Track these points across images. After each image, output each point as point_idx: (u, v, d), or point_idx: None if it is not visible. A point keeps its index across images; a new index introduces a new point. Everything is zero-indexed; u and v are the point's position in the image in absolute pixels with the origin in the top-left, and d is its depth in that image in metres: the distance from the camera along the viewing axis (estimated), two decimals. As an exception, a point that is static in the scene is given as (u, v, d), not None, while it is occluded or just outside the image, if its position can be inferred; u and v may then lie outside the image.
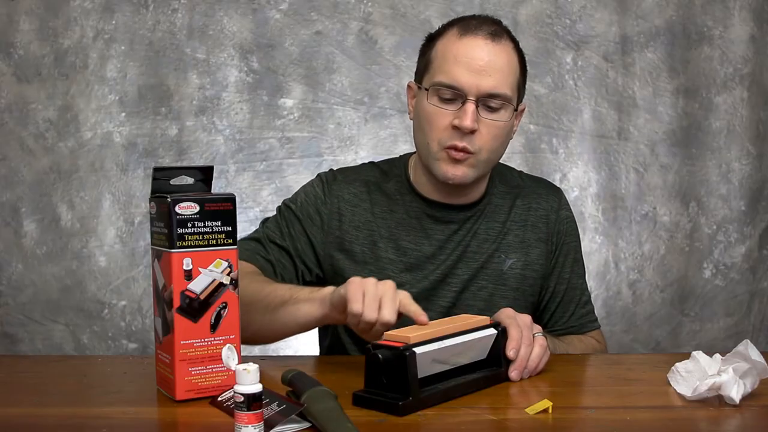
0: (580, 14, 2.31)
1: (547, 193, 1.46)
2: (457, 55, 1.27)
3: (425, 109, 1.30)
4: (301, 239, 1.38)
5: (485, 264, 1.38)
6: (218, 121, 2.31)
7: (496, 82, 1.26)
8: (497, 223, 1.40)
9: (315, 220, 1.39)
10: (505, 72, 1.28)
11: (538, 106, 2.32)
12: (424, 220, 1.38)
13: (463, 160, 1.29)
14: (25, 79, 2.29)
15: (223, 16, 2.30)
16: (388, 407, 0.96)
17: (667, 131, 2.31)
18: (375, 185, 1.41)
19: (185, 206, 1.03)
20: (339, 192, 1.40)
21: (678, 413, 0.98)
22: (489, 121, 1.28)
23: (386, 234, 1.38)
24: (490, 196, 1.42)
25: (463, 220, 1.39)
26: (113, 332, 2.29)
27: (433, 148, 1.30)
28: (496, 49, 1.28)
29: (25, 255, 2.29)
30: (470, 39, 1.28)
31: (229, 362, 0.95)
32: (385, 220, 1.38)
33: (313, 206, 1.39)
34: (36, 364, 1.38)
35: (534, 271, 1.41)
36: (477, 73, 1.26)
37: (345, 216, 1.38)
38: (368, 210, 1.39)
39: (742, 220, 2.31)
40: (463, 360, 1.07)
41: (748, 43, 2.29)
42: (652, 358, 1.27)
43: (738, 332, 2.28)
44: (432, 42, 1.34)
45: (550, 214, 1.44)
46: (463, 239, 1.38)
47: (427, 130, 1.30)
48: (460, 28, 1.30)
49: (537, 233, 1.42)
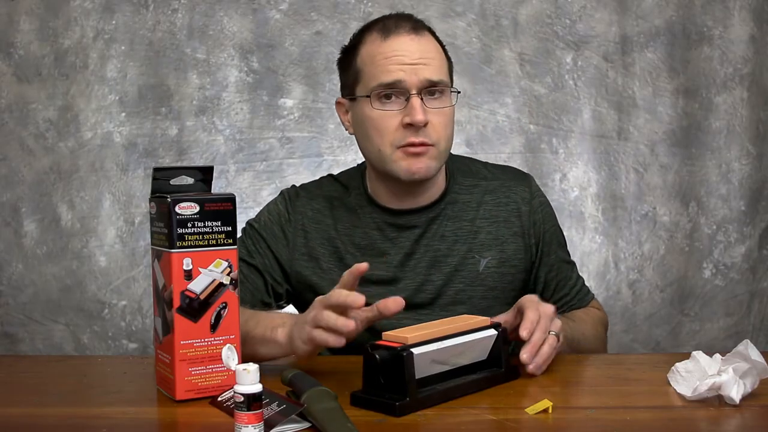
0: (580, 14, 2.31)
1: (516, 183, 1.42)
2: (386, 55, 1.28)
3: (369, 116, 1.29)
4: (268, 256, 1.38)
5: (459, 267, 1.36)
6: (218, 121, 2.31)
7: (432, 71, 1.28)
8: (465, 221, 1.38)
9: (279, 239, 1.38)
10: (437, 59, 1.30)
11: (538, 106, 2.32)
12: (386, 230, 1.36)
13: (423, 153, 1.28)
14: (25, 79, 2.29)
15: (223, 16, 2.30)
16: (385, 408, 0.96)
17: (667, 131, 2.31)
18: (337, 200, 1.40)
19: (185, 206, 1.03)
20: (302, 209, 1.39)
21: (678, 413, 0.98)
22: (436, 110, 1.28)
23: (352, 249, 1.36)
24: (452, 193, 1.39)
25: (427, 222, 1.36)
26: (113, 332, 2.29)
27: (387, 152, 1.29)
28: (423, 40, 1.30)
29: (25, 255, 2.29)
30: (395, 38, 1.29)
31: (229, 362, 0.95)
32: (349, 236, 1.37)
33: (277, 225, 1.39)
34: (36, 364, 1.38)
35: (512, 267, 1.38)
36: (412, 67, 1.27)
37: (310, 233, 1.38)
38: (331, 226, 1.38)
39: (742, 220, 2.31)
40: (462, 361, 1.07)
41: (748, 43, 2.29)
42: (652, 358, 1.27)
43: (738, 332, 2.28)
44: (352, 53, 1.34)
45: (521, 206, 1.40)
46: (430, 243, 1.36)
47: (376, 136, 1.29)
48: (379, 31, 1.31)
49: (511, 228, 1.38)
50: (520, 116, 2.32)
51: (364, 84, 1.31)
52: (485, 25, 2.31)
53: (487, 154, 2.29)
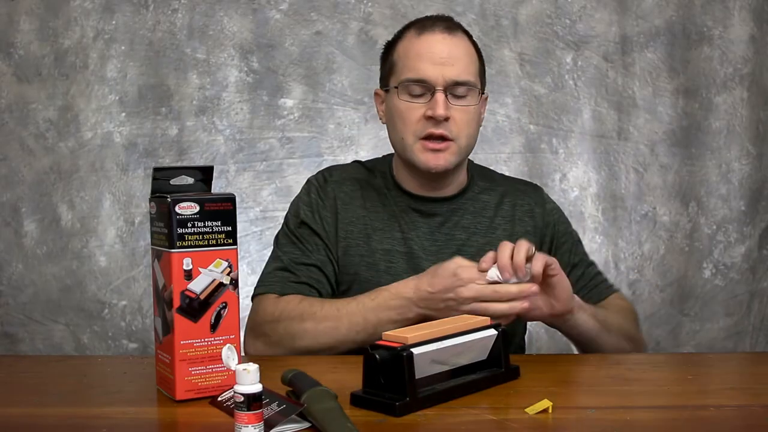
0: (580, 14, 2.31)
1: (529, 190, 1.53)
2: (419, 51, 1.36)
3: (397, 107, 1.38)
4: (321, 251, 1.43)
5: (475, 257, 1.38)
6: (218, 121, 2.31)
7: (459, 71, 1.35)
8: (485, 218, 1.46)
9: (323, 226, 1.44)
10: (466, 60, 1.37)
11: (538, 106, 2.32)
12: (410, 213, 1.44)
13: (444, 149, 1.36)
14: (25, 79, 2.29)
15: (223, 16, 2.30)
16: (385, 408, 0.96)
17: (667, 131, 2.31)
18: (365, 182, 1.48)
19: (185, 206, 1.03)
20: (333, 192, 1.46)
21: (678, 413, 0.98)
22: (459, 107, 1.36)
23: (380, 226, 1.43)
24: (472, 191, 1.48)
25: (448, 212, 1.44)
26: (113, 332, 2.29)
27: (409, 141, 1.37)
28: (454, 41, 1.37)
29: (25, 255, 2.29)
30: (428, 35, 1.37)
31: (229, 362, 0.95)
32: (378, 213, 1.44)
33: (317, 213, 1.44)
34: (36, 364, 1.38)
35: None
36: (440, 65, 1.34)
37: (340, 214, 1.44)
38: (361, 205, 1.45)
39: (742, 220, 2.31)
40: (462, 361, 1.07)
41: (748, 43, 2.29)
42: (652, 358, 1.27)
43: (738, 332, 2.28)
44: (392, 47, 1.43)
45: (535, 208, 1.49)
46: (451, 231, 1.43)
47: (401, 125, 1.38)
48: (416, 29, 1.39)
49: (524, 227, 1.47)
50: (520, 116, 2.32)
51: (396, 76, 1.39)
52: (485, 25, 2.31)
53: (487, 154, 2.29)
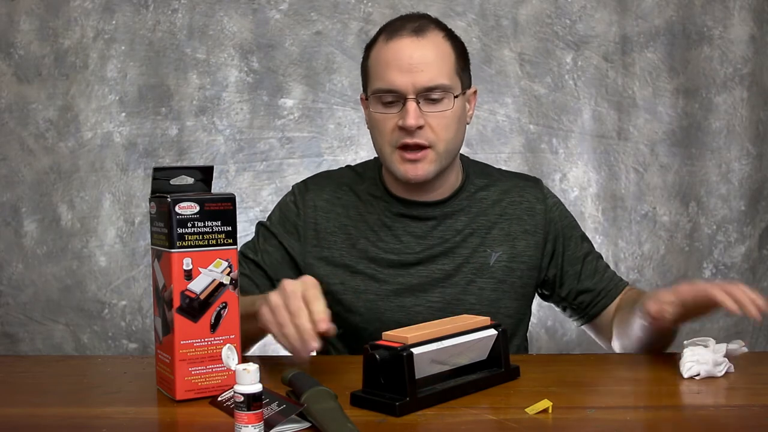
0: (580, 14, 2.31)
1: (529, 185, 1.48)
2: (387, 59, 1.31)
3: (372, 117, 1.35)
4: (277, 254, 1.41)
5: (469, 258, 1.39)
6: (218, 121, 2.31)
7: (430, 75, 1.29)
8: (481, 217, 1.41)
9: (291, 233, 1.42)
10: (438, 63, 1.31)
11: (538, 106, 2.32)
12: (401, 219, 1.40)
13: (421, 159, 1.31)
14: (25, 79, 2.29)
15: (223, 16, 2.30)
16: (385, 407, 0.97)
17: (667, 131, 2.31)
18: (348, 187, 1.44)
19: (185, 206, 1.03)
20: (312, 201, 1.43)
21: (678, 413, 0.98)
22: (434, 114, 1.30)
23: (364, 234, 1.40)
24: (467, 191, 1.43)
25: (441, 215, 1.40)
26: (113, 332, 2.29)
27: (387, 151, 1.34)
28: (422, 43, 1.30)
29: (25, 255, 2.29)
30: (396, 41, 1.31)
31: (229, 362, 0.95)
32: (362, 221, 1.41)
33: (289, 221, 1.43)
34: (36, 364, 1.38)
35: (522, 263, 1.41)
36: (408, 72, 1.28)
37: (320, 224, 1.41)
38: (343, 213, 1.42)
39: (742, 220, 2.31)
40: (462, 361, 1.07)
41: (748, 43, 2.29)
42: (652, 358, 1.27)
43: (738, 332, 2.28)
44: (368, 51, 1.38)
45: (535, 205, 1.44)
46: (444, 234, 1.39)
47: (377, 135, 1.34)
48: (386, 33, 1.34)
49: (522, 225, 1.42)
50: (520, 116, 2.32)
51: (369, 86, 1.36)
52: (485, 25, 2.31)
53: (487, 154, 2.29)
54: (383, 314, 1.36)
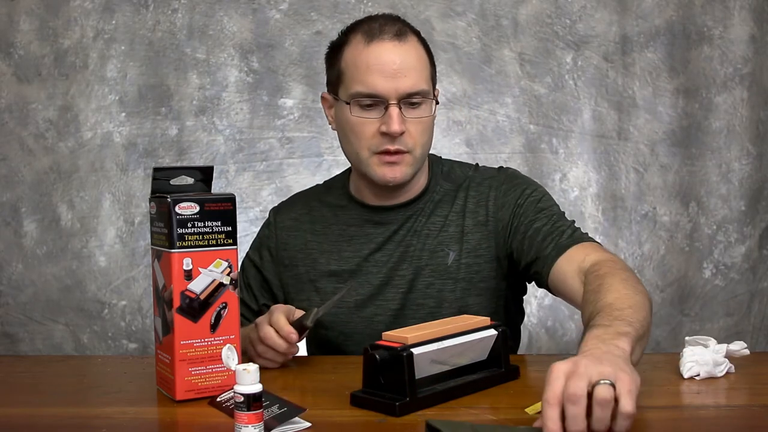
0: (580, 14, 2.31)
1: (492, 176, 1.40)
2: (368, 62, 1.28)
3: (349, 121, 1.31)
4: (255, 282, 1.48)
5: (429, 261, 1.36)
6: (218, 121, 2.31)
7: (412, 81, 1.28)
8: (439, 217, 1.38)
9: (266, 258, 1.47)
10: (419, 68, 1.30)
11: (538, 106, 2.32)
12: (364, 226, 1.40)
13: (399, 162, 1.31)
14: (25, 79, 2.29)
15: (223, 16, 2.30)
16: (385, 408, 0.96)
17: (667, 131, 2.31)
18: (316, 200, 1.46)
19: (185, 206, 1.03)
20: (281, 223, 1.47)
21: (678, 413, 0.98)
22: (415, 119, 1.30)
23: (327, 248, 1.41)
24: (431, 192, 1.40)
25: (403, 219, 1.39)
26: (113, 332, 2.29)
27: (364, 155, 1.32)
28: (405, 48, 1.29)
29: (25, 255, 2.29)
30: (378, 44, 1.28)
31: (229, 362, 0.95)
32: (326, 234, 1.42)
33: (265, 247, 1.48)
34: (36, 364, 1.38)
35: (478, 257, 1.35)
36: (392, 77, 1.27)
37: (289, 244, 1.45)
38: (308, 230, 1.44)
39: (742, 220, 2.31)
40: (462, 361, 1.07)
41: (748, 43, 2.29)
42: (652, 358, 1.27)
43: (738, 332, 2.28)
44: (338, 51, 1.34)
45: (490, 193, 1.37)
46: (403, 239, 1.38)
47: (354, 139, 1.32)
48: (364, 34, 1.30)
49: (474, 218, 1.36)
50: (520, 116, 2.32)
51: (345, 88, 1.32)
52: (485, 25, 2.31)
53: (487, 154, 2.29)
54: (346, 326, 1.38)
